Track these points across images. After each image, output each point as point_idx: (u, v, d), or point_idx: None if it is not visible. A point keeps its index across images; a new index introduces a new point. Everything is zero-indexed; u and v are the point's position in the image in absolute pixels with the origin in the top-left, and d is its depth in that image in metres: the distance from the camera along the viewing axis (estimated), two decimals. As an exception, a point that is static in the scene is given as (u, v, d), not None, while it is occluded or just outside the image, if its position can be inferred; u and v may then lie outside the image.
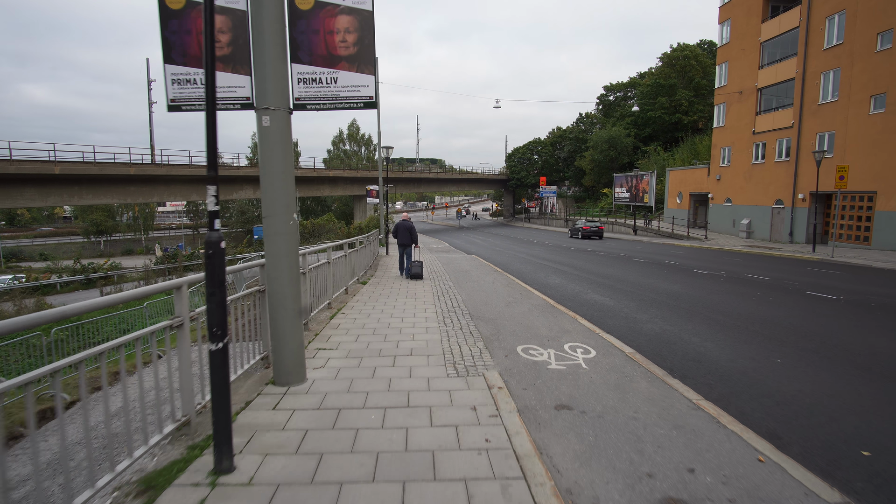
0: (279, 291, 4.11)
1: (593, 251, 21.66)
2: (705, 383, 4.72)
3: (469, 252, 22.65)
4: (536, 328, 6.52)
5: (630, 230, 37.03)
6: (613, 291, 10.35)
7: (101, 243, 68.48)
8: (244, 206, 70.31)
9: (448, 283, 10.97)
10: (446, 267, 14.69)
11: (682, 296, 9.71)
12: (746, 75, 28.69)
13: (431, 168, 71.59)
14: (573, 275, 13.32)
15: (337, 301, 8.59)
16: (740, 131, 29.16)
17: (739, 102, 29.30)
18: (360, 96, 4.16)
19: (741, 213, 29.04)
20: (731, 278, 12.25)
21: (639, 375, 4.60)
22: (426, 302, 8.59)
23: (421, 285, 10.76)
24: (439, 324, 6.78)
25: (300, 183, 43.68)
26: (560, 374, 4.63)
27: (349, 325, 6.79)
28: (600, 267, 15.16)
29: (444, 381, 4.37)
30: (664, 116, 52.05)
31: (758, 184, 27.72)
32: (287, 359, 4.21)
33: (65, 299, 24.20)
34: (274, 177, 4.04)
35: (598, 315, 7.91)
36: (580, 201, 61.60)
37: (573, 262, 16.96)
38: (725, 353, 5.73)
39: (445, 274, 12.89)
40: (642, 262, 16.55)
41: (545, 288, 10.89)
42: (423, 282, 11.30)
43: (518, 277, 12.52)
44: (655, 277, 12.51)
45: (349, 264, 10.21)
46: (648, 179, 42.53)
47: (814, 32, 23.85)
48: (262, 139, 4.01)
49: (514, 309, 7.92)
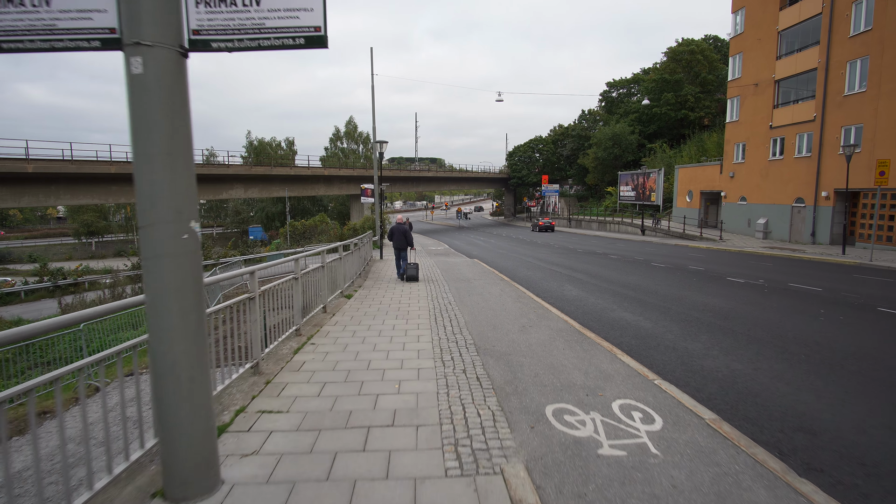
0: (165, 353, 2.48)
1: (604, 254, 20.01)
2: (861, 491, 3.05)
3: (470, 255, 21.01)
4: (566, 371, 4.87)
5: (637, 230, 35.40)
6: (644, 307, 8.71)
7: (93, 245, 66.83)
8: (239, 206, 68.71)
9: (448, 297, 9.32)
10: (446, 274, 13.04)
11: (730, 314, 8.06)
12: (763, 66, 27.04)
13: (431, 167, 69.88)
14: (590, 284, 11.67)
15: (310, 324, 6.95)
16: (756, 126, 27.51)
17: (755, 95, 27.66)
18: (298, 27, 2.51)
19: (757, 213, 27.41)
20: (775, 289, 10.60)
21: (744, 470, 2.96)
22: (420, 325, 6.94)
23: (416, 300, 9.11)
24: (435, 362, 5.13)
25: (294, 182, 42.03)
26: (621, 469, 2.99)
27: (316, 364, 5.14)
28: (618, 273, 13.52)
29: (438, 489, 2.73)
30: (670, 113, 50.41)
31: (775, 181, 26.09)
32: (184, 457, 2.57)
33: (25, 310, 22.39)
34: (154, 162, 2.40)
35: (638, 345, 6.25)
36: (583, 200, 59.93)
37: (586, 267, 15.32)
38: (848, 418, 4.06)
39: (445, 283, 11.24)
40: (663, 267, 14.91)
41: (562, 302, 9.25)
42: (419, 296, 9.66)
43: (528, 288, 10.87)
44: (686, 287, 10.88)
45: (329, 276, 8.57)
46: (656, 177, 40.95)
47: (838, 19, 22.20)
48: (133, 97, 2.37)
49: (531, 336, 6.27)
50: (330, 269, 8.43)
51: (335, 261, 8.97)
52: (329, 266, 8.37)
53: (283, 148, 69.64)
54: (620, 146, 51.23)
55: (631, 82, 62.58)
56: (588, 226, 46.01)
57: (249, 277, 4.73)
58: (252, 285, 4.70)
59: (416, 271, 11.79)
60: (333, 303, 8.70)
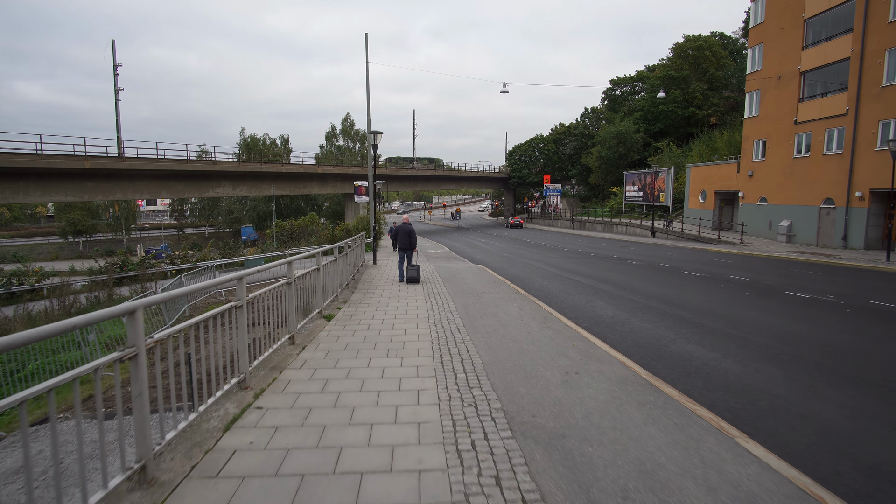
0: None
1: (622, 259, 18.07)
2: None
3: (473, 259, 19.04)
4: (674, 482, 2.89)
5: (647, 232, 33.53)
6: (713, 337, 6.72)
7: (81, 244, 64.55)
8: (231, 204, 66.43)
9: (455, 319, 7.34)
10: (450, 285, 11.06)
11: (846, 350, 6.11)
12: (786, 57, 25.17)
13: (429, 167, 67.82)
14: (624, 299, 9.71)
15: (266, 367, 4.96)
16: (778, 121, 25.64)
17: (777, 89, 25.79)
18: None
19: (779, 214, 25.54)
20: (859, 308, 8.66)
21: None
22: (421, 369, 4.97)
23: (414, 323, 7.13)
24: (447, 453, 3.16)
25: (286, 180, 39.96)
26: None
27: (252, 459, 3.14)
28: (649, 284, 11.58)
29: None
30: (677, 110, 48.62)
31: (800, 180, 24.22)
32: None
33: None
34: None
35: (753, 413, 4.23)
36: (585, 200, 58.03)
37: (609, 275, 13.37)
38: None
39: (449, 298, 9.26)
40: (698, 276, 12.97)
41: (601, 327, 7.28)
42: (419, 316, 7.68)
43: (551, 305, 8.90)
44: (745, 306, 8.93)
45: (303, 294, 6.58)
46: (665, 177, 39.10)
47: (875, 4, 20.34)
48: None
49: (583, 392, 4.30)
50: (301, 285, 6.43)
51: (308, 274, 6.95)
52: (301, 281, 6.37)
53: (278, 145, 67.46)
54: (625, 144, 49.39)
55: (635, 79, 60.80)
56: (593, 227, 44.13)
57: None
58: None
59: (418, 273, 11.49)
60: (307, 328, 6.70)
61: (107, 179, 27.49)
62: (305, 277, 6.71)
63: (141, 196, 31.70)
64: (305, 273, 6.71)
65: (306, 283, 6.82)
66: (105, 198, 31.27)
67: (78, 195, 27.09)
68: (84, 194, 27.09)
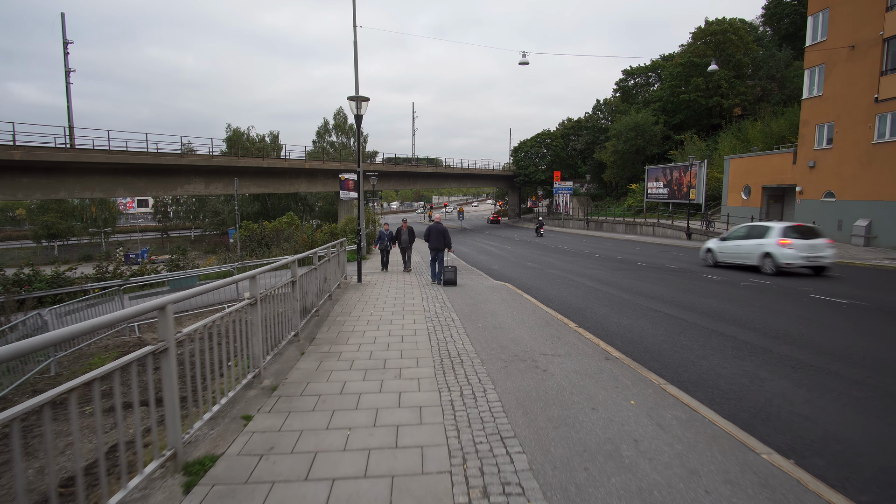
0: None
1: (684, 270, 13.72)
2: None
3: (493, 272, 14.67)
4: None
5: (680, 233, 29.22)
6: None
7: (55, 248, 59.95)
8: (217, 205, 61.88)
9: (499, 445, 2.99)
10: (476, 332, 6.66)
11: None
12: (862, 22, 20.84)
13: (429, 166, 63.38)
14: (751, 345, 5.35)
15: None
16: (851, 100, 21.30)
17: (850, 61, 21.44)
18: None
19: (853, 212, 21.21)
20: None
21: None
22: None
23: (411, 459, 2.79)
24: None
25: (268, 177, 35.58)
26: None
27: None
28: (755, 312, 7.25)
29: None
30: (700, 100, 44.34)
31: (882, 171, 19.90)
32: None
33: None
34: None
35: None
36: (598, 199, 53.62)
37: (682, 297, 9.03)
38: None
39: (484, 371, 4.91)
40: (818, 300, 8.63)
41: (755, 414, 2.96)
42: (426, 456, 3.32)
43: (680, 386, 4.58)
44: None
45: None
46: (696, 171, 34.70)
47: None
48: None
49: None
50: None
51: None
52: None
53: (267, 142, 62.81)
54: (644, 137, 45.08)
55: (649, 69, 56.58)
56: (612, 228, 39.81)
57: None
58: None
59: (455, 275, 10.99)
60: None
61: (47, 175, 23.01)
62: (196, 352, 2.37)
63: (92, 194, 27.25)
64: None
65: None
66: (45, 196, 26.88)
67: (11, 193, 22.60)
68: (16, 192, 22.60)
